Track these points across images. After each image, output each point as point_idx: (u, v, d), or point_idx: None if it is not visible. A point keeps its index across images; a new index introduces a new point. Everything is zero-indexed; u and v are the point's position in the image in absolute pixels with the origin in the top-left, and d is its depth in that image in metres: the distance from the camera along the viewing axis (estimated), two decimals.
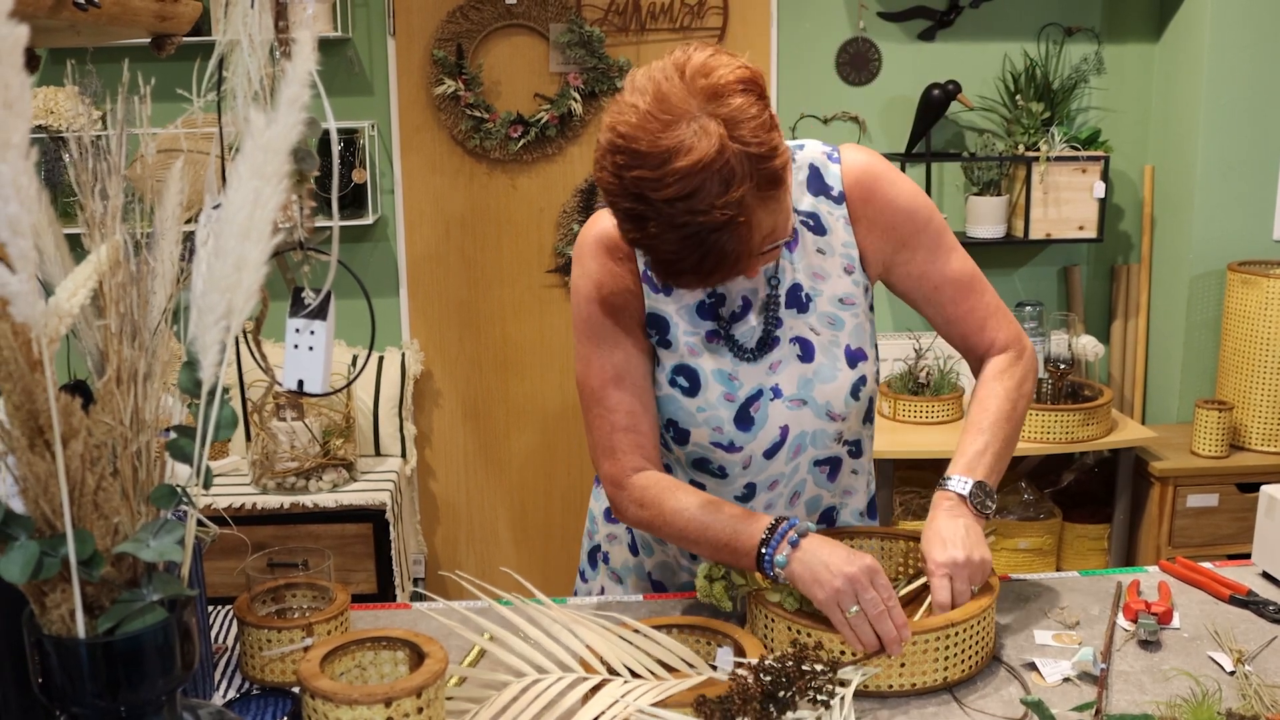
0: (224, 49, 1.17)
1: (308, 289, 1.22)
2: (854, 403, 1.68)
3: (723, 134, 1.34)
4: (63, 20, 1.26)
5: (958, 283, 1.70)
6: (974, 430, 1.68)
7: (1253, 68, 3.63)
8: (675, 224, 1.36)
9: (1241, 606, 1.69)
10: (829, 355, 1.66)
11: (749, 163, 1.36)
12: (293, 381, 1.24)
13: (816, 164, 1.66)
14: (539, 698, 1.35)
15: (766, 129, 1.38)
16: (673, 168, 1.34)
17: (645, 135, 1.35)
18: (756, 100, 1.39)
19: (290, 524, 3.36)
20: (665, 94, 1.36)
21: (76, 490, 0.92)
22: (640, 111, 1.36)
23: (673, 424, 1.70)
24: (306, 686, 1.19)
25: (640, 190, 1.36)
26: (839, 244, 1.66)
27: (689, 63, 1.39)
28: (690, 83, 1.37)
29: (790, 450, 1.69)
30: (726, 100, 1.36)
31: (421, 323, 4.00)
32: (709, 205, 1.35)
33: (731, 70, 1.38)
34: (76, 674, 0.94)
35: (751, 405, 1.66)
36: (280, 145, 0.91)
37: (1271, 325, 3.46)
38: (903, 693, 1.46)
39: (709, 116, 1.35)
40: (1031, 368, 1.74)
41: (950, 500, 1.62)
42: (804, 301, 1.66)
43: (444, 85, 3.75)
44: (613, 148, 1.38)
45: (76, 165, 1.00)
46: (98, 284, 0.96)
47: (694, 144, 1.34)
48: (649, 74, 1.40)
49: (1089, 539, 3.76)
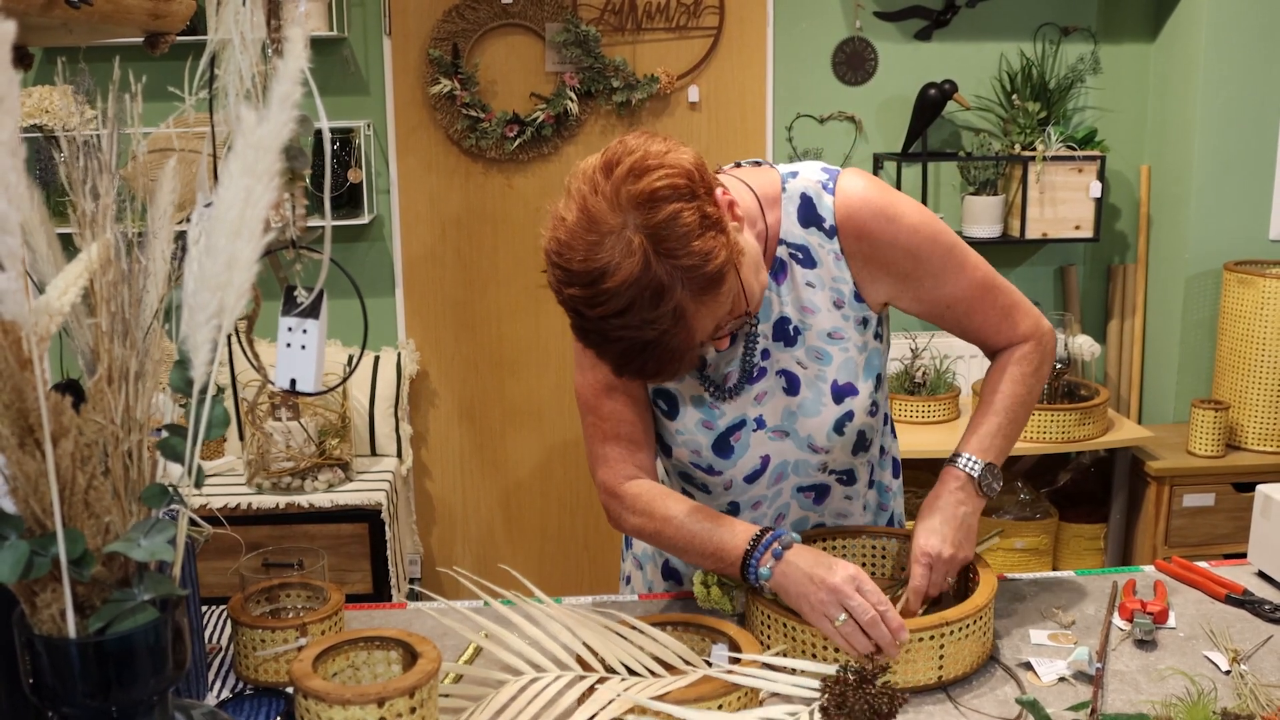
0: (216, 47, 1.16)
1: (300, 287, 1.22)
2: (837, 438, 1.65)
3: (647, 250, 1.32)
4: (55, 18, 1.25)
5: (969, 298, 1.65)
6: (988, 410, 1.68)
7: (1249, 67, 3.63)
8: (612, 338, 1.37)
9: (1237, 606, 1.69)
10: (814, 390, 1.64)
11: (679, 273, 1.33)
12: (285, 380, 1.23)
13: (809, 194, 1.60)
14: (537, 697, 1.35)
15: (697, 234, 1.34)
16: (601, 288, 1.33)
17: (575, 253, 1.34)
18: (687, 204, 1.34)
19: (286, 524, 3.36)
20: (591, 209, 1.34)
21: (67, 489, 0.91)
22: (568, 226, 1.35)
23: (659, 437, 1.72)
24: (299, 686, 1.19)
25: (575, 307, 1.37)
26: (829, 278, 1.61)
27: (618, 167, 1.35)
28: (617, 190, 1.34)
29: (772, 477, 1.69)
30: (654, 211, 1.33)
31: (417, 322, 3.99)
32: (641, 320, 1.34)
33: (662, 176, 1.34)
34: (67, 674, 0.93)
35: (732, 435, 1.66)
36: (272, 143, 0.91)
37: (1268, 325, 3.46)
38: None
39: (635, 230, 1.32)
40: (1050, 351, 1.72)
41: (959, 481, 1.64)
42: (791, 335, 1.63)
43: (440, 85, 3.75)
44: (550, 260, 1.38)
45: (68, 163, 1.00)
46: (89, 282, 0.96)
47: (619, 264, 1.32)
48: (578, 183, 1.37)
49: (1085, 539, 3.76)
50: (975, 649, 1.50)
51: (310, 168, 1.16)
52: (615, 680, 1.39)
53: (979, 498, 1.64)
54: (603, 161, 1.37)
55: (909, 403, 3.63)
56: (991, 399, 1.69)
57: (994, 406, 1.68)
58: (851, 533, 1.76)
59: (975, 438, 1.66)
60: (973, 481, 1.63)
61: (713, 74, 3.86)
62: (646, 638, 1.46)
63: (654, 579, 1.89)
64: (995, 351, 1.74)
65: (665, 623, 1.53)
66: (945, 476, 1.65)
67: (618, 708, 1.33)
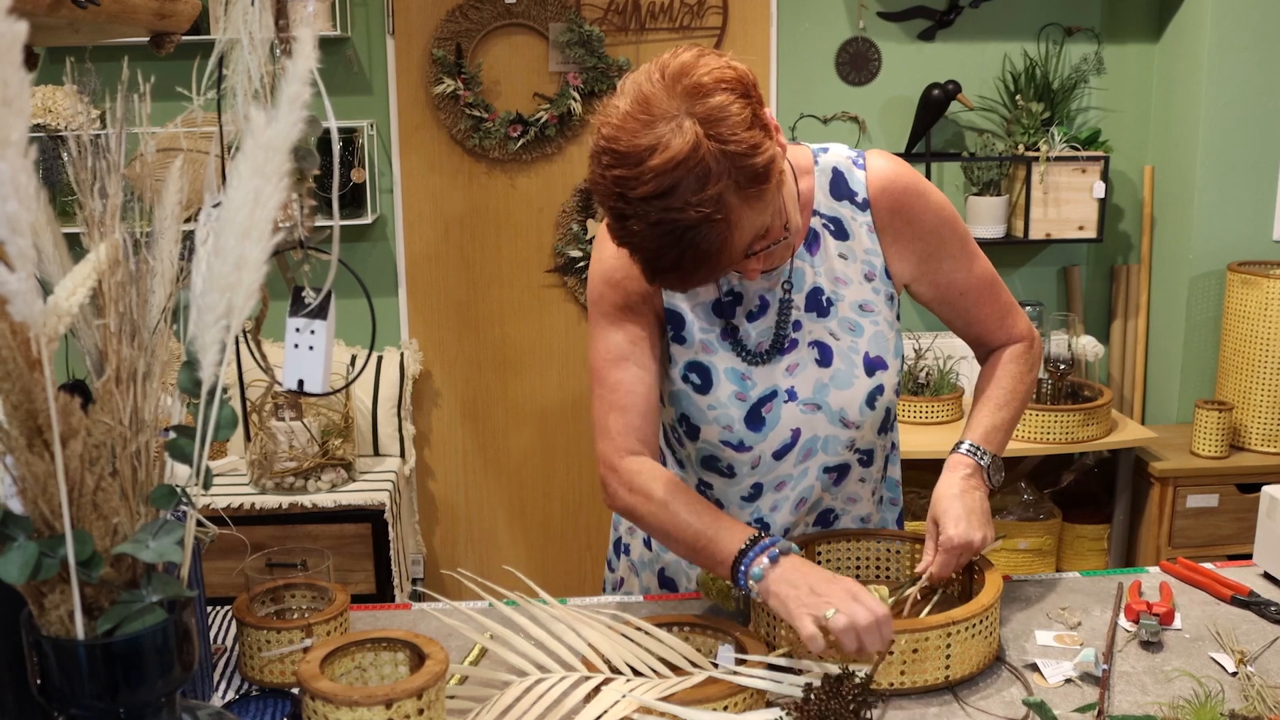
0: (224, 47, 1.16)
1: (308, 288, 1.22)
2: (869, 411, 1.67)
3: (698, 131, 1.35)
4: (61, 18, 1.25)
5: (980, 287, 1.72)
6: (991, 403, 1.72)
7: (1253, 68, 3.63)
8: (652, 221, 1.37)
9: (1243, 607, 1.69)
10: (847, 361, 1.65)
11: (726, 160, 1.36)
12: (293, 381, 1.23)
13: (841, 168, 1.66)
14: (542, 698, 1.35)
15: (746, 126, 1.37)
16: (648, 165, 1.35)
17: (625, 135, 1.37)
18: (738, 98, 1.38)
19: (289, 524, 3.35)
20: (645, 95, 1.38)
21: (75, 491, 0.91)
22: (621, 113, 1.38)
23: (685, 419, 1.69)
24: (306, 688, 1.19)
25: (620, 189, 1.38)
26: (861, 250, 1.66)
27: (672, 64, 1.40)
28: (671, 84, 1.38)
29: (800, 453, 1.69)
30: (705, 99, 1.36)
31: (420, 323, 3.99)
32: (684, 203, 1.35)
33: (712, 70, 1.38)
34: (75, 675, 0.93)
35: (764, 406, 1.66)
36: (281, 144, 0.91)
37: (1271, 325, 3.46)
38: (904, 691, 1.46)
39: (687, 115, 1.36)
40: (1039, 357, 1.79)
41: (969, 469, 1.66)
42: (824, 306, 1.66)
43: (443, 84, 3.74)
44: (597, 149, 1.41)
45: (75, 163, 0.99)
46: (97, 283, 0.95)
47: (669, 142, 1.34)
48: (634, 77, 1.42)
49: (1089, 539, 3.76)
50: (982, 649, 1.50)
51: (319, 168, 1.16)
52: (620, 681, 1.39)
53: (986, 485, 1.66)
54: (658, 64, 1.41)
55: (912, 403, 3.63)
56: (992, 393, 1.73)
57: (996, 400, 1.72)
58: (855, 535, 1.76)
59: (981, 429, 1.69)
60: (980, 469, 1.66)
61: None
62: (652, 639, 1.46)
63: (650, 586, 1.87)
64: (991, 348, 1.78)
65: (671, 624, 1.53)
66: (954, 464, 1.66)
67: (623, 708, 1.33)
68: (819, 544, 1.74)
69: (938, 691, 1.47)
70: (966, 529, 1.58)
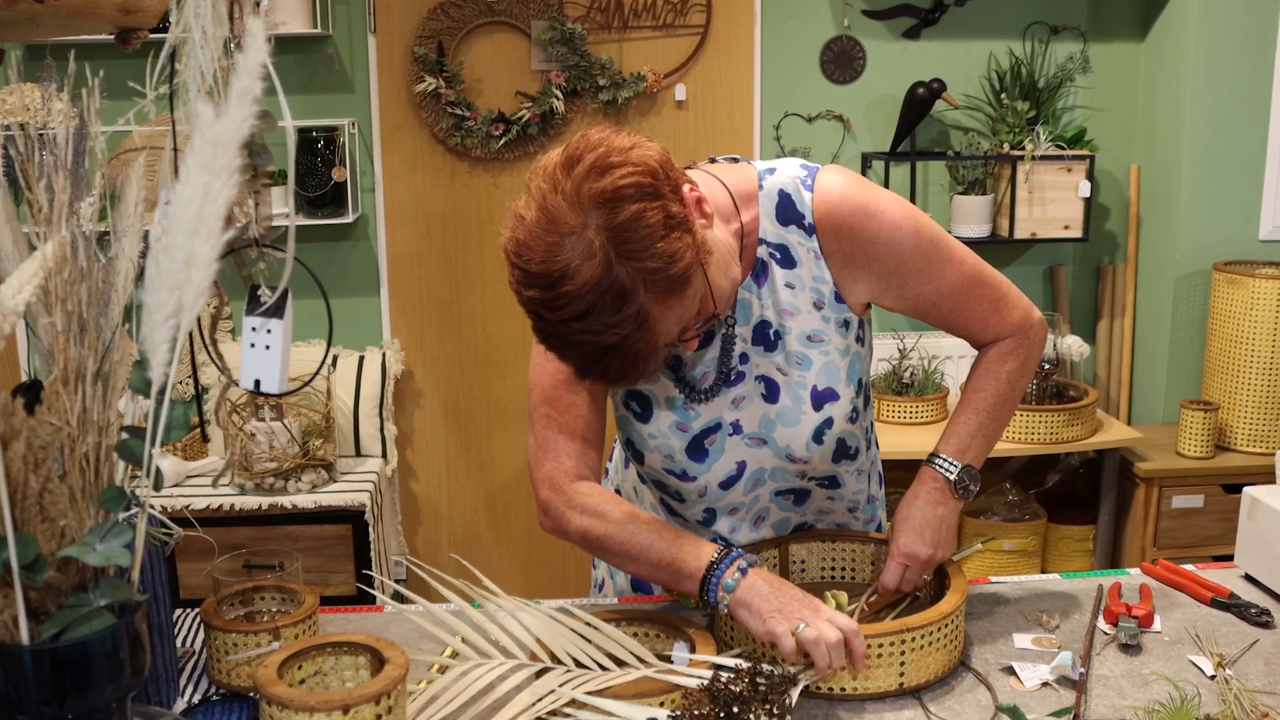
0: (176, 41, 1.14)
1: (264, 287, 1.20)
2: (816, 446, 1.61)
3: (609, 252, 1.27)
4: (19, 12, 1.22)
5: (955, 294, 1.60)
6: (969, 410, 1.66)
7: (1238, 67, 3.62)
8: (573, 342, 1.32)
9: (1223, 609, 1.67)
10: (793, 397, 1.59)
11: (642, 276, 1.29)
12: (249, 381, 1.21)
13: (788, 190, 1.54)
14: (475, 683, 1.35)
15: (661, 236, 1.29)
16: (560, 291, 1.28)
17: (534, 254, 1.30)
18: (649, 202, 1.29)
19: (269, 525, 3.33)
20: (550, 208, 1.30)
21: (19, 493, 0.89)
22: (527, 226, 1.32)
23: (630, 443, 1.67)
24: (262, 693, 1.17)
25: (535, 309, 1.33)
26: (809, 277, 1.56)
27: (581, 162, 1.30)
28: (578, 188, 1.29)
29: (748, 483, 1.65)
30: (615, 210, 1.28)
31: (402, 322, 3.97)
32: (603, 325, 1.29)
33: (619, 173, 1.29)
34: (21, 681, 0.91)
35: (708, 438, 1.61)
36: (230, 139, 0.89)
37: (1257, 325, 3.45)
38: (861, 697, 1.44)
39: (596, 231, 1.28)
40: (1039, 342, 1.68)
41: (936, 483, 1.63)
42: (771, 340, 1.58)
43: (425, 83, 3.72)
44: (510, 260, 1.35)
45: (24, 158, 0.97)
46: (44, 281, 0.93)
47: (579, 268, 1.27)
48: (538, 181, 1.33)
49: (1074, 540, 3.75)
50: (941, 657, 1.47)
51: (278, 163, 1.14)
52: (559, 671, 1.39)
53: (955, 499, 1.63)
54: (564, 158, 1.33)
55: (896, 403, 3.61)
56: (974, 397, 1.66)
57: (975, 405, 1.65)
58: (829, 536, 1.74)
59: (955, 438, 1.64)
60: (949, 484, 1.63)
61: (700, 72, 3.84)
62: (600, 634, 1.45)
63: (625, 588, 1.85)
64: (979, 345, 1.69)
65: (620, 618, 1.52)
66: (923, 476, 1.64)
67: (553, 699, 1.33)
68: (790, 544, 1.73)
69: (900, 696, 1.45)
70: (915, 542, 1.59)
